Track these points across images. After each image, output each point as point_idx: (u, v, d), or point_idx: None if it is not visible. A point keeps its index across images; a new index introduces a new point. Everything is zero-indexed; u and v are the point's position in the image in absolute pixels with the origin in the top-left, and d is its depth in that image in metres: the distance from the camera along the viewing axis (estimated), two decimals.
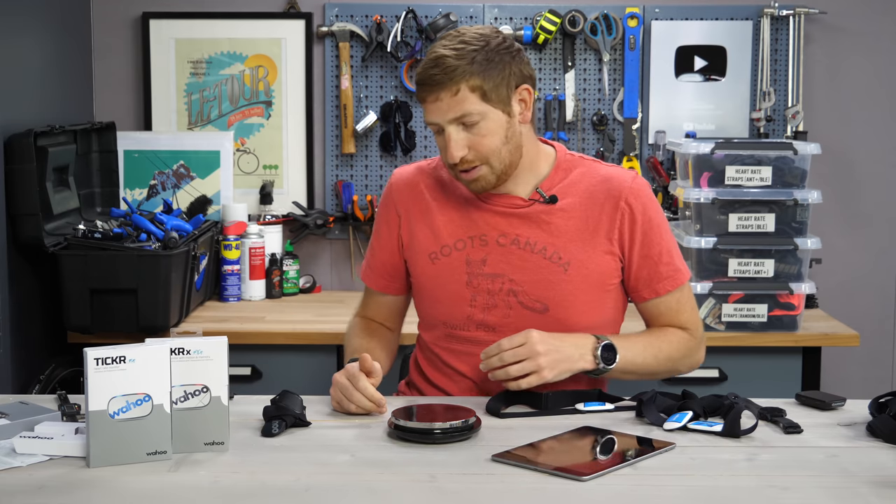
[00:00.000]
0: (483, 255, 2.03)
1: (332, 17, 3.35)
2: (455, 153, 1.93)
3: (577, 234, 2.01)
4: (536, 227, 2.02)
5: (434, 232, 2.07)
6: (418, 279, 2.10)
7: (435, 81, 1.91)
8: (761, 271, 2.80)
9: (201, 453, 1.64)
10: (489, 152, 1.95)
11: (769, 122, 3.31)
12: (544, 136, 3.32)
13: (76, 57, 3.23)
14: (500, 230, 2.02)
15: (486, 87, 1.92)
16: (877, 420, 1.75)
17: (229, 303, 3.15)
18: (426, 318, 2.13)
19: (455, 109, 1.91)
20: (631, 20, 3.31)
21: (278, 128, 3.39)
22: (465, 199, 2.06)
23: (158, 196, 3.29)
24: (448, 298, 2.04)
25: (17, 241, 2.65)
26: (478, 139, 1.94)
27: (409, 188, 2.12)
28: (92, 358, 1.56)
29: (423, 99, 1.94)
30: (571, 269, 2.00)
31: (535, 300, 2.00)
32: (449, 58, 1.91)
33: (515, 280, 2.01)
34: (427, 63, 1.93)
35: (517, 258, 2.01)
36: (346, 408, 1.84)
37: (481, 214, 2.04)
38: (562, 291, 2.00)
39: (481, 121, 1.93)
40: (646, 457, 1.63)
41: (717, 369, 2.83)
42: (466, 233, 2.04)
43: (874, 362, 3.41)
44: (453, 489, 1.51)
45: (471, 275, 2.03)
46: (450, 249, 2.05)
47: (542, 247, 2.01)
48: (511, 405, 1.90)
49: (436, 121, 1.94)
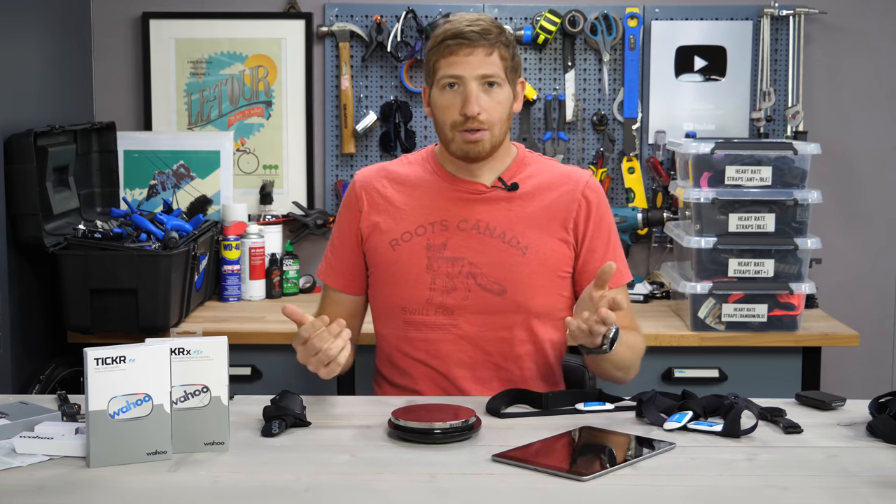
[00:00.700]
0: (443, 239, 2.10)
1: (332, 17, 3.35)
2: (475, 106, 2.02)
3: (535, 221, 2.10)
4: (496, 213, 2.11)
5: (395, 221, 2.13)
6: (378, 267, 2.14)
7: (474, 38, 2.02)
8: (761, 271, 2.80)
9: (201, 453, 1.64)
10: (497, 119, 2.06)
11: (769, 122, 3.32)
12: (544, 136, 3.33)
13: (76, 57, 3.23)
14: (461, 216, 2.11)
15: (509, 62, 2.06)
16: (877, 420, 1.75)
17: (229, 303, 3.14)
18: (384, 307, 2.16)
19: (486, 67, 2.03)
20: (631, 20, 3.31)
21: (278, 128, 3.39)
22: (428, 187, 2.14)
23: (158, 196, 3.29)
24: (408, 282, 2.10)
25: (17, 241, 2.65)
26: (493, 104, 2.04)
27: (370, 183, 2.18)
28: (92, 358, 1.56)
29: (452, 52, 2.03)
30: (529, 252, 2.09)
31: (493, 282, 2.08)
32: (486, 22, 2.04)
33: (475, 263, 2.09)
34: (463, 22, 2.04)
35: (477, 242, 2.09)
36: (318, 346, 1.82)
37: (443, 202, 2.12)
38: (519, 274, 2.08)
39: (500, 87, 2.05)
40: (646, 457, 1.63)
41: (717, 369, 2.83)
42: (427, 219, 2.12)
43: (874, 362, 3.41)
44: (453, 489, 1.51)
45: (431, 258, 2.10)
46: (410, 235, 2.11)
47: (502, 231, 2.09)
48: (511, 405, 1.90)
49: (462, 73, 2.03)
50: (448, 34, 2.03)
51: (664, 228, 3.16)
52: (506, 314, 2.09)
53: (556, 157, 3.31)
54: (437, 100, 2.07)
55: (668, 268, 3.11)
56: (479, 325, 2.09)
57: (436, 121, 2.10)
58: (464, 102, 2.02)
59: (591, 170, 3.26)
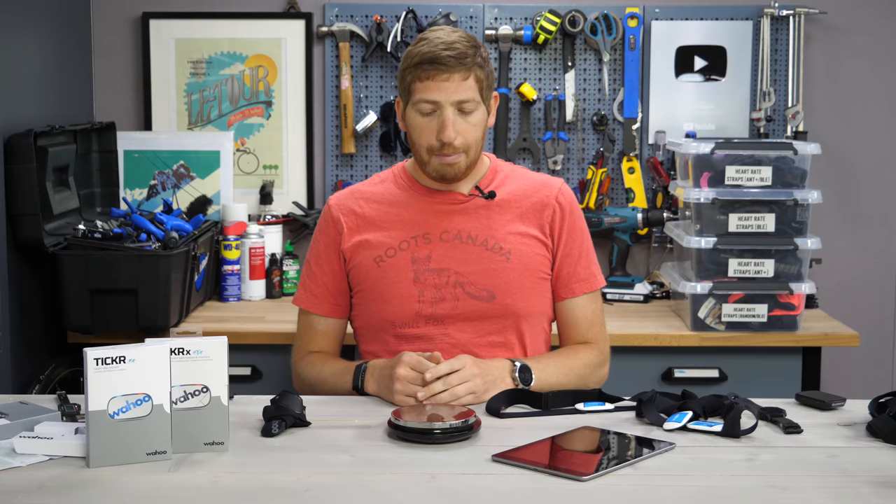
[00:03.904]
0: (427, 252, 2.12)
1: (332, 17, 3.35)
2: (452, 133, 2.03)
3: (514, 227, 2.14)
4: (476, 221, 2.14)
5: (377, 239, 2.14)
6: (363, 285, 2.15)
7: (450, 63, 2.01)
8: (761, 271, 2.80)
9: (201, 453, 1.64)
10: (473, 142, 2.08)
11: (769, 122, 3.31)
12: (544, 136, 3.33)
13: (76, 57, 3.23)
14: (442, 227, 2.13)
15: (484, 82, 2.07)
16: (877, 420, 1.75)
17: (229, 303, 3.14)
18: (371, 324, 2.16)
19: (461, 93, 2.03)
20: (631, 20, 3.31)
21: (278, 128, 3.39)
22: (405, 203, 2.16)
23: (158, 196, 3.29)
24: (395, 297, 2.11)
25: (17, 241, 2.65)
26: (468, 127, 2.06)
27: (346, 205, 2.19)
28: (92, 358, 1.56)
29: (429, 77, 2.02)
30: (513, 258, 2.12)
31: (481, 289, 2.10)
32: (460, 45, 2.04)
33: (461, 272, 2.11)
34: (439, 45, 2.02)
35: (460, 252, 2.12)
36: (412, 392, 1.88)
37: (423, 215, 2.14)
38: (506, 279, 2.11)
39: (475, 110, 2.06)
40: (646, 457, 1.63)
41: (717, 369, 2.83)
42: (409, 233, 2.13)
43: (874, 362, 3.41)
44: (453, 489, 1.51)
45: (417, 272, 2.11)
46: (394, 251, 2.13)
47: (484, 239, 2.13)
48: (511, 405, 1.90)
49: (438, 99, 2.03)
50: (424, 58, 2.02)
51: (664, 228, 3.16)
52: (495, 319, 2.11)
53: (557, 156, 3.32)
54: (413, 121, 2.08)
55: (668, 268, 3.11)
56: (469, 332, 2.11)
57: (411, 140, 2.11)
58: (440, 129, 2.04)
59: (591, 170, 3.27)
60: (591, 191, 3.25)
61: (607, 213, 3.19)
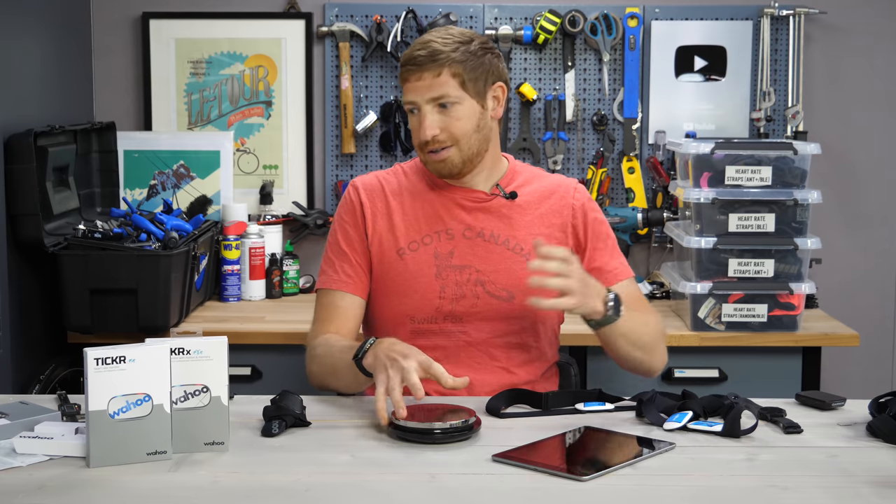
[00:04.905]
0: (450, 248, 2.12)
1: (332, 17, 3.35)
2: (428, 131, 2.05)
3: (535, 228, 2.14)
4: (498, 221, 2.14)
5: (400, 230, 2.14)
6: (385, 276, 2.13)
7: (420, 62, 2.04)
8: (761, 271, 2.80)
9: (201, 453, 1.64)
10: (460, 134, 2.07)
11: (769, 122, 3.31)
12: (544, 136, 3.33)
13: (76, 57, 3.23)
14: (465, 224, 2.13)
15: (466, 76, 2.05)
16: (877, 420, 1.75)
17: (229, 303, 3.14)
18: (388, 317, 2.14)
19: (435, 90, 2.04)
20: (631, 20, 3.31)
21: (278, 128, 3.39)
22: (428, 196, 2.16)
23: (158, 196, 3.29)
24: (417, 292, 2.11)
25: (17, 241, 2.65)
26: (451, 121, 2.06)
27: (372, 190, 2.19)
28: (92, 358, 1.56)
29: (406, 79, 2.07)
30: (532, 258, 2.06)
31: (501, 289, 2.11)
32: (436, 43, 2.05)
33: (482, 270, 2.11)
34: (415, 46, 2.07)
35: (483, 250, 2.12)
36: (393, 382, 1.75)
37: (446, 210, 2.14)
38: (526, 280, 2.05)
39: (457, 104, 2.05)
40: (646, 457, 1.63)
41: (717, 369, 2.83)
42: (433, 228, 2.14)
43: (874, 362, 3.41)
44: (453, 489, 1.51)
45: (440, 267, 2.11)
46: (418, 245, 2.13)
47: (505, 239, 2.13)
48: (511, 405, 1.90)
49: (414, 99, 2.06)
50: (403, 60, 2.08)
51: (664, 228, 3.16)
52: (513, 320, 2.11)
53: (557, 156, 3.32)
54: (409, 121, 2.12)
55: (668, 268, 3.11)
56: (487, 332, 2.11)
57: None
58: (419, 128, 2.07)
59: (591, 170, 3.27)
60: (591, 191, 3.25)
61: (607, 213, 3.18)
